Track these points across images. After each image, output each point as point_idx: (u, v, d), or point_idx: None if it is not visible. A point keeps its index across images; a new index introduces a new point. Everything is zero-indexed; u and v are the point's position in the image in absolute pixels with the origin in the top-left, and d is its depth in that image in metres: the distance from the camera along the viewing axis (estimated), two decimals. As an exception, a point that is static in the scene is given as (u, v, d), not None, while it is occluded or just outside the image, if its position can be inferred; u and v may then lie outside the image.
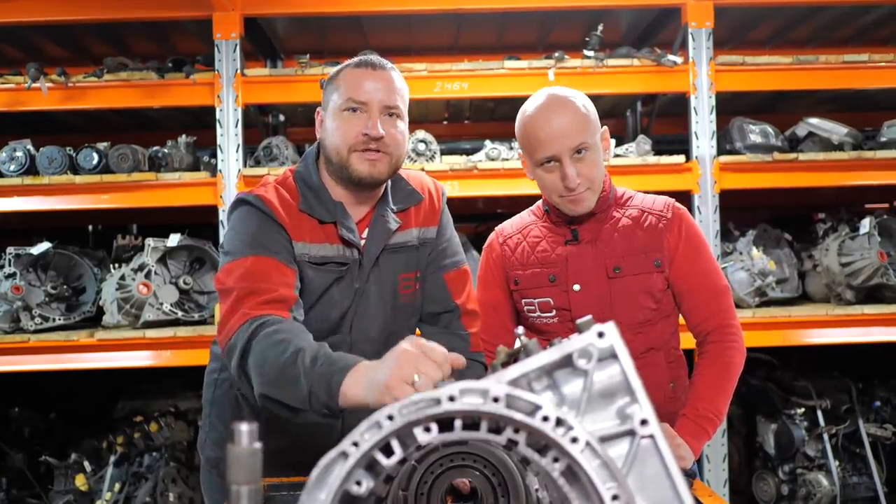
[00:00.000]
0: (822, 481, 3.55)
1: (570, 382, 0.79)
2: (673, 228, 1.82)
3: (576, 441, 0.75)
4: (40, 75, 3.29)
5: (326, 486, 0.77)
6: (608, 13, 3.81)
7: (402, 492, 1.15)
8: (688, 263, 1.82)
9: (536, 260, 1.87)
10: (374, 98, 1.63)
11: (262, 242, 1.57)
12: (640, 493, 0.76)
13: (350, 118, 1.63)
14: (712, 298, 1.82)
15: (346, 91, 1.64)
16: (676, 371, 1.87)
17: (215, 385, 1.85)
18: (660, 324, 1.84)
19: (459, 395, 0.77)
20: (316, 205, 1.66)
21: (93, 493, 3.51)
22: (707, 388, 1.75)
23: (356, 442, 0.77)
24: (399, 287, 1.74)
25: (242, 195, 1.67)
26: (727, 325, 1.81)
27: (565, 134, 1.71)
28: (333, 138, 1.65)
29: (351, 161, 1.63)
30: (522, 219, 1.99)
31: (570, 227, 1.86)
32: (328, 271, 1.64)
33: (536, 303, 1.86)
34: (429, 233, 1.81)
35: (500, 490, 1.15)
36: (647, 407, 0.77)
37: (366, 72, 1.66)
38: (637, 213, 1.85)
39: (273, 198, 1.64)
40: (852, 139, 3.53)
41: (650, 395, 1.71)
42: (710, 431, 1.71)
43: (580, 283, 1.81)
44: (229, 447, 0.70)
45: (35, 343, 3.28)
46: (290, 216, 1.63)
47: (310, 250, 1.63)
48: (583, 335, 0.79)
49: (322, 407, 1.28)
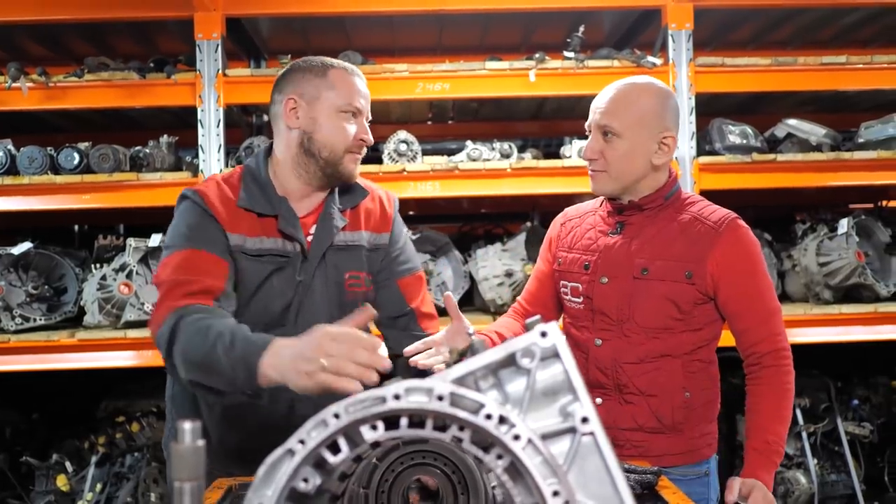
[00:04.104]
0: (800, 479, 3.58)
1: (514, 381, 0.81)
2: (722, 244, 1.76)
3: (518, 438, 0.76)
4: (20, 75, 3.28)
5: (273, 483, 0.78)
6: (591, 14, 3.83)
7: (364, 490, 1.16)
8: (740, 284, 1.77)
9: (581, 246, 1.90)
10: (364, 107, 1.78)
11: (197, 235, 1.64)
12: (581, 488, 0.77)
13: (350, 121, 1.75)
14: (765, 321, 1.78)
15: (345, 95, 1.74)
16: (697, 381, 1.82)
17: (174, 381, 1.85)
18: (684, 335, 1.80)
19: (405, 394, 0.78)
20: (259, 199, 1.73)
21: (74, 494, 3.50)
22: (770, 417, 1.74)
23: (302, 440, 0.78)
24: (346, 284, 1.79)
25: (185, 191, 1.73)
26: (781, 349, 1.78)
27: (600, 110, 1.80)
28: (332, 137, 1.73)
29: (344, 160, 1.74)
30: (589, 204, 2.02)
31: (617, 220, 1.87)
32: (265, 262, 1.70)
33: (570, 287, 1.90)
34: (381, 239, 1.87)
35: (461, 488, 1.16)
36: (588, 405, 0.79)
37: (357, 80, 1.78)
38: (689, 220, 1.81)
39: (211, 192, 1.70)
40: (831, 140, 3.57)
41: (659, 399, 1.78)
42: (778, 461, 1.72)
43: (608, 276, 1.82)
44: (172, 445, 0.72)
45: (16, 343, 3.27)
46: (227, 210, 1.69)
47: (245, 242, 1.69)
48: (526, 335, 0.81)
49: (246, 388, 1.37)
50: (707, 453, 1.87)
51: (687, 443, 1.82)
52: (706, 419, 1.86)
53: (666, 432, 1.80)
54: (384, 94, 3.47)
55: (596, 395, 1.83)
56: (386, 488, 1.16)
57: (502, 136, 4.02)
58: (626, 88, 1.80)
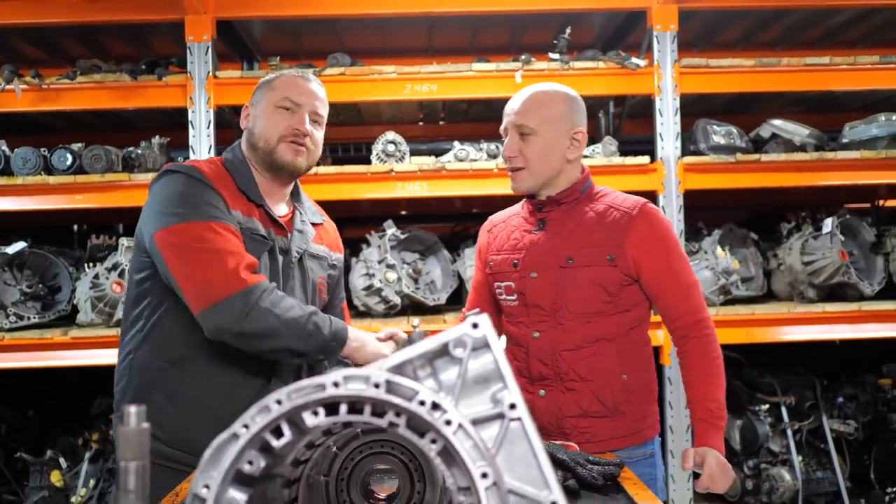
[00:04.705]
0: (784, 476, 3.62)
1: (448, 370, 0.85)
2: (638, 228, 1.88)
3: (449, 423, 0.80)
4: (14, 77, 3.34)
5: (219, 465, 0.82)
6: (580, 16, 3.88)
7: (324, 477, 1.20)
8: (658, 263, 1.89)
9: (508, 246, 2.01)
10: (308, 102, 1.88)
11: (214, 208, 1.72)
12: (508, 471, 0.81)
13: (283, 114, 1.86)
14: (685, 296, 1.90)
15: (283, 92, 1.87)
16: (633, 364, 1.92)
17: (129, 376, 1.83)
18: (615, 317, 1.90)
19: (343, 382, 0.82)
20: (251, 184, 1.85)
21: (68, 489, 3.56)
22: (706, 386, 1.86)
23: (246, 424, 0.82)
24: (318, 287, 1.96)
25: (173, 166, 1.80)
26: (702, 320, 1.90)
27: (515, 111, 1.93)
28: (265, 128, 1.86)
29: (278, 149, 1.85)
30: (512, 209, 2.13)
31: (538, 217, 1.98)
32: (256, 243, 1.79)
33: (503, 286, 2.00)
34: (338, 258, 2.07)
35: (417, 475, 1.20)
36: (516, 392, 0.83)
37: (303, 81, 1.91)
38: (603, 209, 1.94)
39: (206, 169, 1.79)
40: (815, 140, 3.60)
41: (598, 383, 1.86)
42: (723, 424, 1.85)
43: (537, 270, 1.92)
44: (119, 428, 0.76)
45: (10, 341, 3.33)
46: (226, 188, 1.78)
47: (241, 220, 1.78)
48: (458, 326, 0.85)
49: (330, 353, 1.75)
50: (650, 434, 1.97)
51: (630, 425, 1.92)
52: (646, 400, 1.96)
53: (609, 416, 1.89)
54: (373, 95, 3.53)
55: (538, 388, 1.92)
56: (345, 476, 1.21)
57: (492, 136, 4.04)
58: (536, 92, 1.95)
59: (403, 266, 3.61)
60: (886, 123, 3.56)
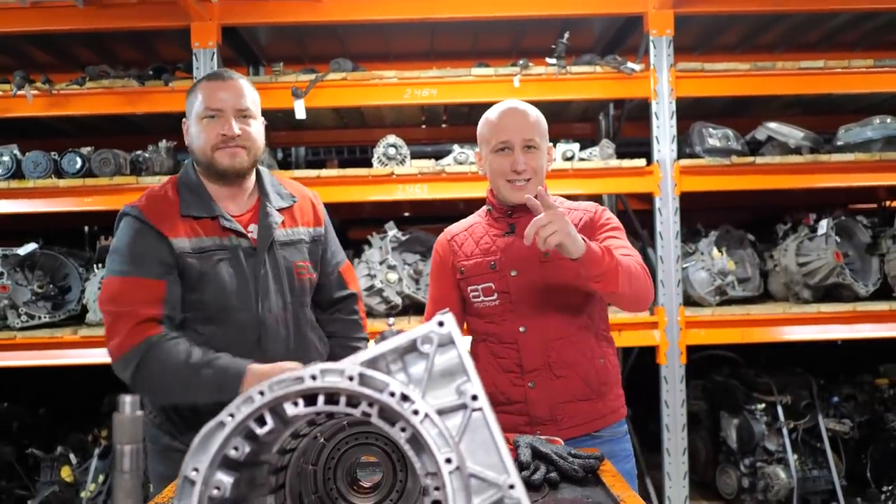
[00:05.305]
0: (779, 474, 3.67)
1: (417, 364, 0.92)
2: (598, 222, 2.03)
3: (417, 413, 0.88)
4: (25, 83, 3.44)
5: (207, 451, 0.90)
6: (579, 21, 3.94)
7: (312, 466, 1.28)
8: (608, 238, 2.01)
9: (480, 251, 2.08)
10: (227, 104, 1.89)
11: (135, 258, 1.82)
12: (470, 457, 0.88)
13: (209, 123, 1.90)
14: None
15: (202, 101, 1.90)
16: (605, 349, 2.05)
17: None
18: (592, 303, 2.02)
19: (321, 375, 0.90)
20: (194, 204, 1.91)
21: (78, 485, 3.65)
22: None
23: (232, 413, 0.90)
24: (295, 271, 2.01)
25: (124, 208, 1.91)
26: None
27: (521, 128, 2.00)
28: (198, 141, 1.91)
29: (215, 157, 1.90)
30: (468, 220, 2.20)
31: (509, 222, 2.06)
32: (208, 258, 1.87)
33: (480, 288, 2.06)
34: (318, 232, 2.09)
35: (399, 465, 1.28)
36: (478, 385, 0.90)
37: (218, 83, 1.92)
38: (566, 211, 2.01)
39: (149, 205, 1.88)
40: (810, 143, 3.65)
41: (583, 367, 1.94)
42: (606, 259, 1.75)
43: (517, 268, 2.01)
44: (115, 415, 0.84)
45: (21, 340, 3.43)
46: (167, 218, 1.86)
47: (187, 244, 1.86)
48: (426, 324, 0.92)
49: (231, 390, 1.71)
50: (623, 412, 2.09)
51: (609, 404, 2.03)
52: (617, 381, 2.08)
53: (593, 398, 2.00)
54: (374, 99, 3.60)
55: (528, 380, 1.98)
56: (332, 465, 1.29)
57: (492, 139, 4.12)
58: (530, 109, 2.03)
59: (404, 267, 3.69)
60: (881, 126, 3.61)
